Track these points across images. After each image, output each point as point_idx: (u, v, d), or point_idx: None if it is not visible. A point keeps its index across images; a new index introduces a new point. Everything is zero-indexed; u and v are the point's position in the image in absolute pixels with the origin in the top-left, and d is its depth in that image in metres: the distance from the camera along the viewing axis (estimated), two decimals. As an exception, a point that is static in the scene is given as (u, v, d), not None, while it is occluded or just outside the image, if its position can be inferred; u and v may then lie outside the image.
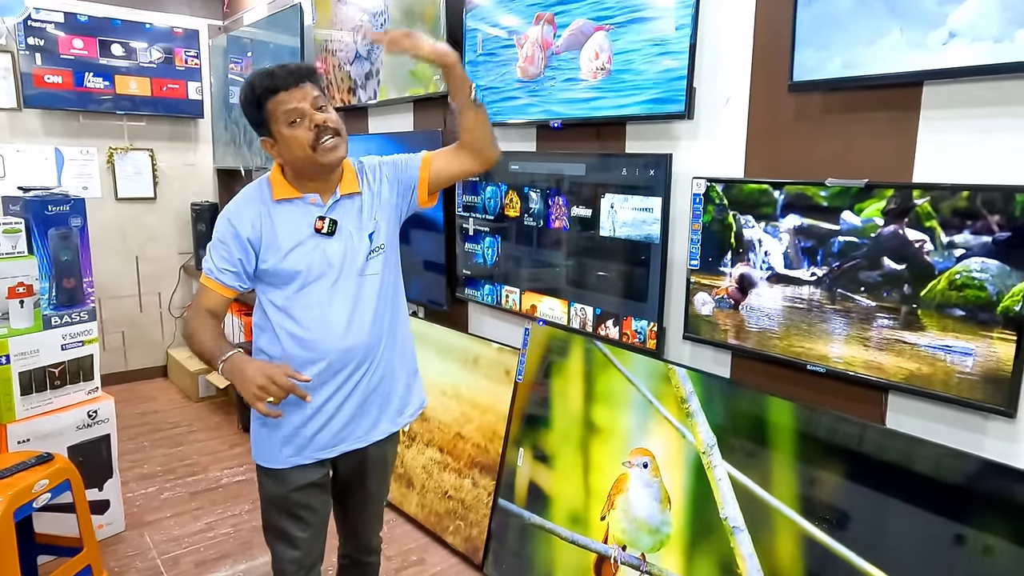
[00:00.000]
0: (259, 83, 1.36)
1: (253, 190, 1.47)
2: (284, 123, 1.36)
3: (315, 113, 1.36)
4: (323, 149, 1.37)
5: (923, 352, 1.34)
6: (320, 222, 1.44)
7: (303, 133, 1.36)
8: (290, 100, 1.35)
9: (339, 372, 1.47)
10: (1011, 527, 1.23)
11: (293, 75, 1.36)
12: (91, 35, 3.95)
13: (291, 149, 1.38)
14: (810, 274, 1.50)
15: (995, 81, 1.25)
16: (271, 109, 1.36)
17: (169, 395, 4.18)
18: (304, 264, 1.42)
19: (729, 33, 1.68)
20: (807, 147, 1.55)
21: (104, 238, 4.14)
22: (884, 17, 1.33)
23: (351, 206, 1.49)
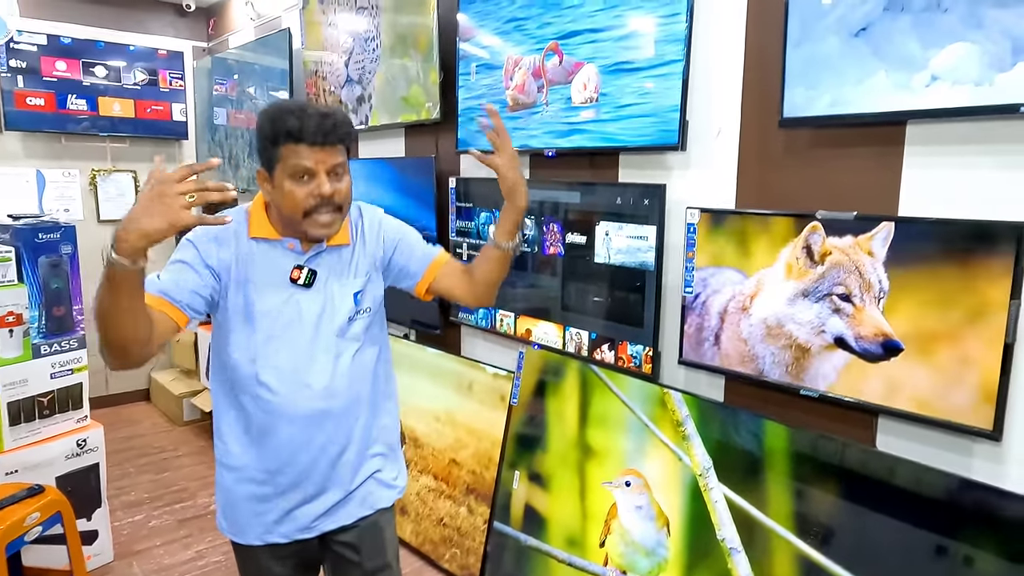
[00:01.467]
0: (284, 123, 1.19)
1: (232, 218, 1.31)
2: (289, 174, 1.21)
3: (325, 182, 1.21)
4: (314, 222, 1.23)
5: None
6: (297, 271, 1.29)
7: (302, 195, 1.21)
8: (308, 157, 1.19)
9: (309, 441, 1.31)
10: (999, 545, 1.28)
11: (327, 135, 1.19)
12: (74, 57, 3.93)
13: (283, 203, 1.23)
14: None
15: (975, 122, 1.32)
16: (284, 154, 1.20)
17: (152, 419, 4.12)
18: (273, 310, 1.27)
19: (720, 68, 1.74)
20: (797, 180, 1.61)
21: (86, 261, 4.07)
22: (870, 59, 1.40)
23: (336, 258, 1.34)
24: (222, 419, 1.35)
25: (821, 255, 1.51)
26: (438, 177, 2.58)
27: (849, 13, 1.42)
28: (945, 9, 1.29)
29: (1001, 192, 1.30)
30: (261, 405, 1.28)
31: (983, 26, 1.24)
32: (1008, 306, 1.25)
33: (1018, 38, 1.21)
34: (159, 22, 4.35)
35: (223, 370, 1.32)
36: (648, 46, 1.81)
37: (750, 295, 1.66)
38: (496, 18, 2.25)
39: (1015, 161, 1.28)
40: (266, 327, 1.27)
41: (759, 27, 1.65)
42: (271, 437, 1.30)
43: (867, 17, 1.39)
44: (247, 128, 3.85)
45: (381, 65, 2.82)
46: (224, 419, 1.34)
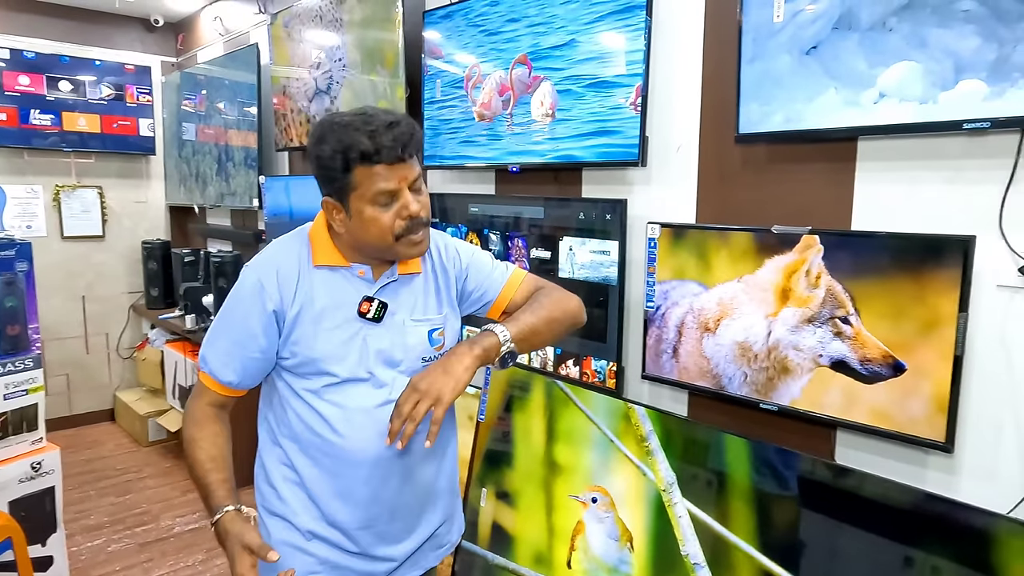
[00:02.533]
0: (355, 143, 1.05)
1: (288, 247, 1.18)
2: (371, 201, 1.08)
3: (411, 200, 1.09)
4: (408, 243, 1.12)
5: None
6: (366, 304, 1.15)
7: (389, 219, 1.09)
8: (389, 178, 1.07)
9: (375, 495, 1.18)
10: (959, 556, 1.29)
11: (404, 148, 1.06)
12: (38, 72, 3.87)
13: (367, 230, 1.10)
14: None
15: (922, 138, 1.35)
16: (359, 180, 1.07)
17: (117, 440, 4.03)
18: (338, 355, 1.14)
19: (679, 85, 1.76)
20: (754, 195, 1.63)
21: (48, 278, 4.00)
22: (821, 77, 1.42)
23: (408, 289, 1.21)
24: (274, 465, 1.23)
25: (816, 278, 1.47)
26: (405, 192, 2.57)
27: (800, 32, 1.45)
28: (890, 29, 1.32)
29: (948, 207, 1.33)
30: (325, 451, 1.16)
31: (926, 45, 1.27)
32: (956, 319, 1.27)
33: (960, 58, 1.24)
34: (126, 37, 4.30)
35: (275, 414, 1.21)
36: (608, 63, 1.82)
37: (715, 317, 1.66)
38: (461, 35, 2.26)
39: (960, 176, 1.31)
40: (330, 371, 1.14)
41: (715, 44, 1.67)
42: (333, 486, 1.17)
43: (817, 36, 1.42)
44: (215, 143, 3.81)
45: (349, 81, 2.82)
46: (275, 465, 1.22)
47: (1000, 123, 1.20)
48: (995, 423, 1.30)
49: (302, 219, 3.08)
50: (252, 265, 1.16)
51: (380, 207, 1.09)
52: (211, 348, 1.17)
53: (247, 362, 1.16)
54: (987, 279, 1.28)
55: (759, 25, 1.51)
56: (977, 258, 1.25)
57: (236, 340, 1.15)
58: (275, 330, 1.14)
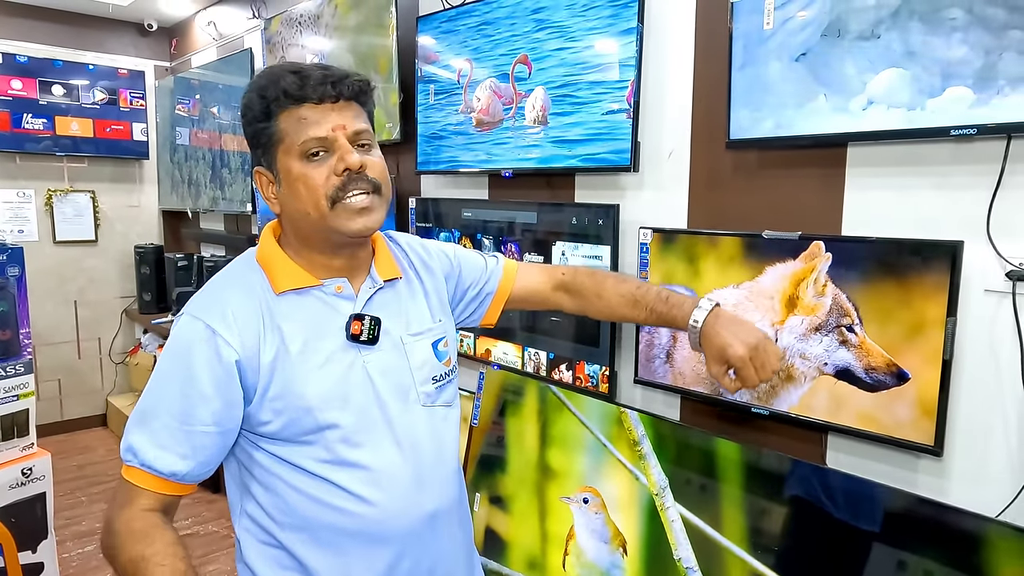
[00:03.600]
0: (278, 82, 0.87)
1: (235, 279, 0.93)
2: (298, 154, 0.87)
3: (349, 151, 0.88)
4: (347, 209, 0.88)
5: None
6: (357, 324, 0.92)
7: (322, 175, 0.87)
8: (318, 120, 0.87)
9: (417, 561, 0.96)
10: (950, 560, 1.30)
11: (335, 83, 0.87)
12: (31, 76, 3.86)
13: (298, 197, 0.88)
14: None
15: (910, 144, 1.36)
16: (284, 127, 0.87)
17: (108, 445, 4.00)
18: (337, 397, 0.90)
19: (670, 91, 1.77)
20: (745, 200, 1.64)
21: (40, 283, 3.99)
22: (810, 83, 1.44)
23: (393, 298, 1.00)
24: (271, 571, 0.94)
25: (823, 286, 1.45)
26: (398, 198, 2.58)
27: (789, 39, 1.46)
28: (878, 36, 1.33)
29: (936, 212, 1.34)
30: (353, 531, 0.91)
31: (914, 53, 1.29)
32: (945, 323, 1.28)
33: (946, 65, 1.25)
34: (120, 42, 4.30)
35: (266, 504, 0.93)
36: (600, 69, 1.83)
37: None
38: (454, 41, 2.26)
39: (947, 182, 1.32)
40: (330, 418, 0.89)
41: (706, 51, 1.68)
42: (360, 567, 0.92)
43: (806, 43, 1.43)
44: (209, 148, 3.81)
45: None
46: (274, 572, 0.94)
47: (986, 130, 1.21)
48: (984, 427, 1.31)
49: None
50: (190, 311, 0.89)
51: (311, 161, 0.87)
52: (142, 433, 0.86)
53: (198, 439, 0.86)
54: (975, 284, 1.29)
55: (749, 32, 1.52)
56: (965, 263, 1.26)
57: (179, 412, 0.86)
58: (236, 388, 0.87)
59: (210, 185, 3.82)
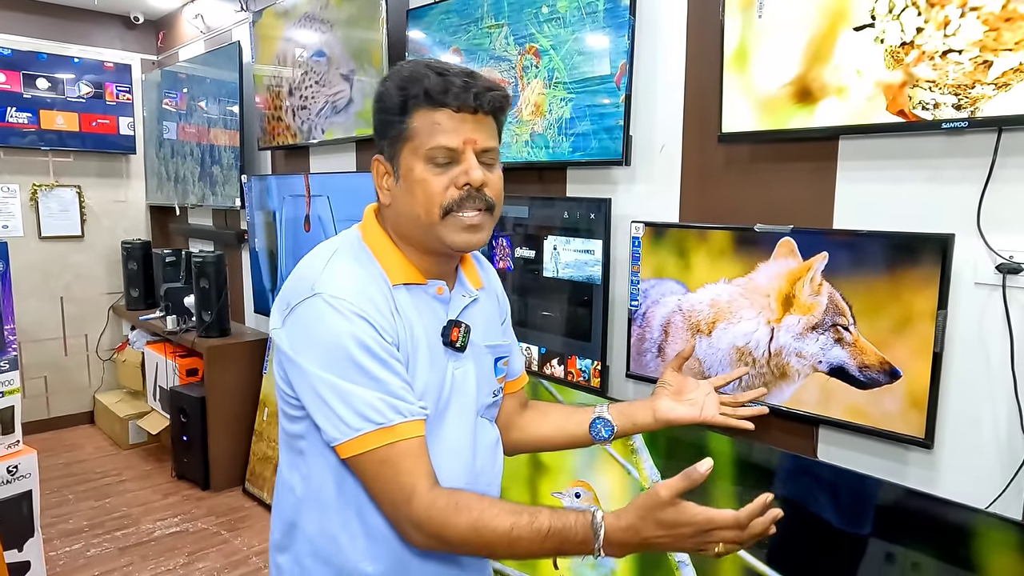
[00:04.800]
0: (420, 77, 0.86)
1: (358, 264, 0.91)
2: (424, 156, 0.87)
3: (475, 167, 0.87)
4: (457, 223, 0.88)
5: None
6: (456, 331, 0.94)
7: (442, 185, 0.87)
8: (452, 132, 0.86)
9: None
10: (941, 551, 1.30)
11: (478, 96, 0.86)
12: (14, 69, 3.81)
13: (413, 198, 0.88)
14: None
15: (902, 137, 1.36)
16: (417, 127, 0.87)
17: (96, 442, 3.97)
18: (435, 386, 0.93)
19: (663, 85, 1.77)
20: (737, 194, 1.64)
21: (25, 279, 3.94)
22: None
23: (479, 308, 1.02)
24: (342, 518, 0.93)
25: (819, 285, 1.45)
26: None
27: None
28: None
29: (927, 205, 1.34)
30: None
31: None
32: (936, 316, 1.29)
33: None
34: (106, 34, 4.24)
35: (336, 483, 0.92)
36: (593, 62, 1.82)
37: (709, 319, 1.64)
38: (444, 34, 2.25)
39: (939, 175, 1.33)
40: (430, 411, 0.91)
41: (699, 43, 1.68)
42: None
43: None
44: (197, 143, 3.77)
45: (333, 80, 2.80)
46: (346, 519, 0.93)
47: (977, 123, 1.21)
48: (974, 419, 1.32)
49: (287, 220, 3.07)
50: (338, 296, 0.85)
51: (434, 167, 0.87)
52: (381, 400, 0.83)
53: (408, 384, 0.88)
54: (965, 277, 1.29)
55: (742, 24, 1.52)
56: (956, 256, 1.27)
57: (395, 373, 0.86)
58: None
59: (198, 180, 3.79)
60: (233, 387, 3.27)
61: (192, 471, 3.33)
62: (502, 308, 1.12)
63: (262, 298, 3.36)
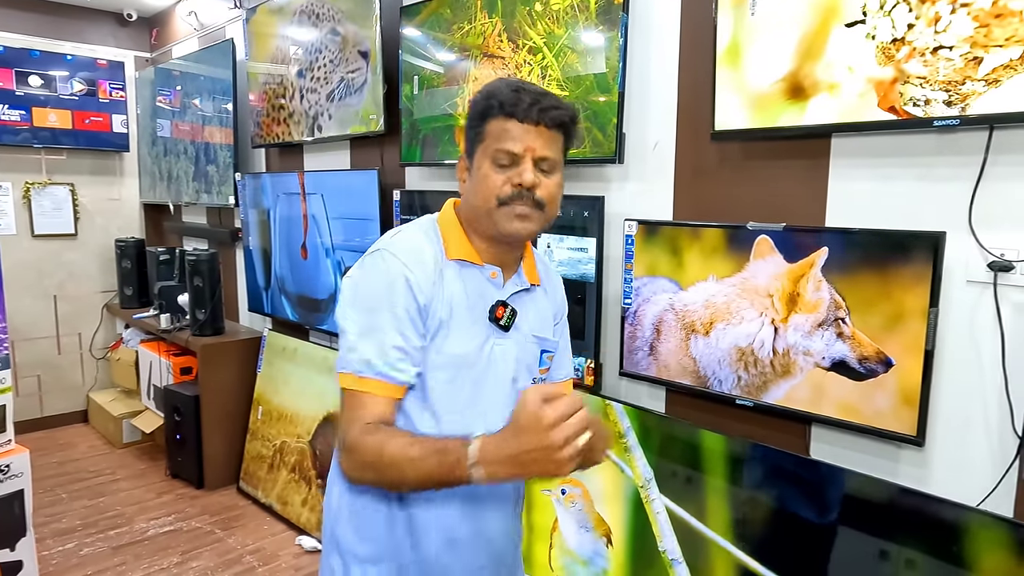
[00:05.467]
0: (498, 94, 1.02)
1: (426, 235, 1.09)
2: (491, 157, 1.02)
3: (527, 169, 1.01)
4: (508, 213, 1.02)
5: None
6: (501, 309, 1.08)
7: (500, 181, 1.02)
8: (515, 136, 1.00)
9: (478, 537, 1.11)
10: (933, 548, 1.30)
11: (542, 112, 1.00)
12: (6, 66, 3.78)
13: (477, 190, 1.04)
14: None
15: (893, 135, 1.36)
16: (489, 130, 1.02)
17: (90, 441, 3.95)
18: (471, 354, 1.07)
19: (655, 82, 1.76)
20: (731, 191, 1.64)
21: (18, 277, 3.92)
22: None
23: (530, 300, 1.15)
24: (361, 495, 1.09)
25: (819, 282, 1.45)
26: (382, 189, 2.55)
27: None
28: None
29: (919, 203, 1.35)
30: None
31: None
32: (927, 314, 1.29)
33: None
34: (99, 32, 4.22)
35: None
36: (587, 60, 1.82)
37: (705, 319, 1.63)
38: (437, 30, 2.24)
39: (930, 173, 1.33)
40: (460, 376, 1.05)
41: (691, 41, 1.68)
42: (442, 522, 1.07)
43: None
44: (191, 140, 3.75)
45: (326, 77, 2.78)
46: (365, 496, 1.09)
47: (969, 120, 1.21)
48: (965, 417, 1.32)
49: (281, 218, 3.06)
50: (394, 252, 1.04)
51: (497, 166, 1.02)
52: (370, 344, 1.00)
53: (415, 353, 1.02)
54: (957, 275, 1.30)
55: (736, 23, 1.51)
56: (947, 254, 1.27)
57: (399, 333, 1.00)
58: (423, 319, 1.03)
59: (192, 178, 3.77)
60: (227, 386, 3.26)
61: (186, 470, 3.32)
62: (558, 310, 1.23)
63: (256, 296, 3.35)
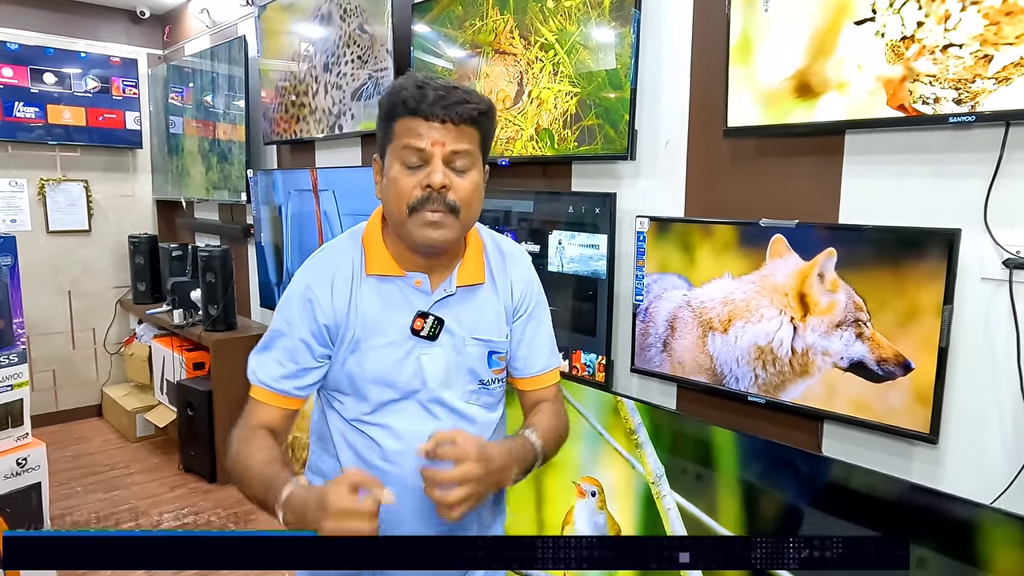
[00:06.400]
0: (404, 91, 0.96)
1: (342, 252, 1.07)
2: (400, 157, 0.97)
3: (436, 169, 0.95)
4: (419, 220, 0.97)
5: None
6: (420, 320, 1.04)
7: (410, 185, 0.97)
8: (422, 135, 0.95)
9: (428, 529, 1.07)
10: (946, 547, 1.30)
11: (449, 108, 0.95)
12: (22, 64, 3.82)
13: (388, 195, 1.00)
14: (748, 309, 1.57)
15: (907, 132, 1.36)
16: (397, 130, 0.97)
17: (104, 435, 3.99)
18: (390, 372, 1.04)
19: (668, 79, 1.76)
20: (743, 188, 1.64)
21: (33, 273, 3.96)
22: (808, 70, 1.43)
23: (469, 302, 1.09)
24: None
25: (833, 283, 1.43)
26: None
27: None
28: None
29: (933, 200, 1.34)
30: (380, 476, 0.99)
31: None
32: (941, 311, 1.28)
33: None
34: (112, 29, 4.25)
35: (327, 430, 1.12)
36: (599, 57, 1.82)
37: (723, 317, 1.62)
38: (449, 27, 2.24)
39: (945, 170, 1.32)
40: (378, 394, 1.05)
41: (704, 37, 1.67)
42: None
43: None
44: (203, 137, 3.78)
45: (337, 73, 2.79)
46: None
47: (985, 117, 1.21)
48: (979, 414, 1.31)
49: (292, 214, 3.08)
50: (305, 271, 1.07)
51: (406, 167, 0.97)
52: (262, 357, 1.07)
53: (301, 372, 1.06)
54: (972, 272, 1.29)
55: (748, 20, 1.51)
56: (962, 251, 1.26)
57: (289, 353, 1.05)
58: (326, 342, 1.05)
59: (203, 174, 3.80)
60: (239, 380, 3.24)
61: (199, 464, 3.35)
62: (518, 304, 1.15)
63: (268, 292, 3.37)
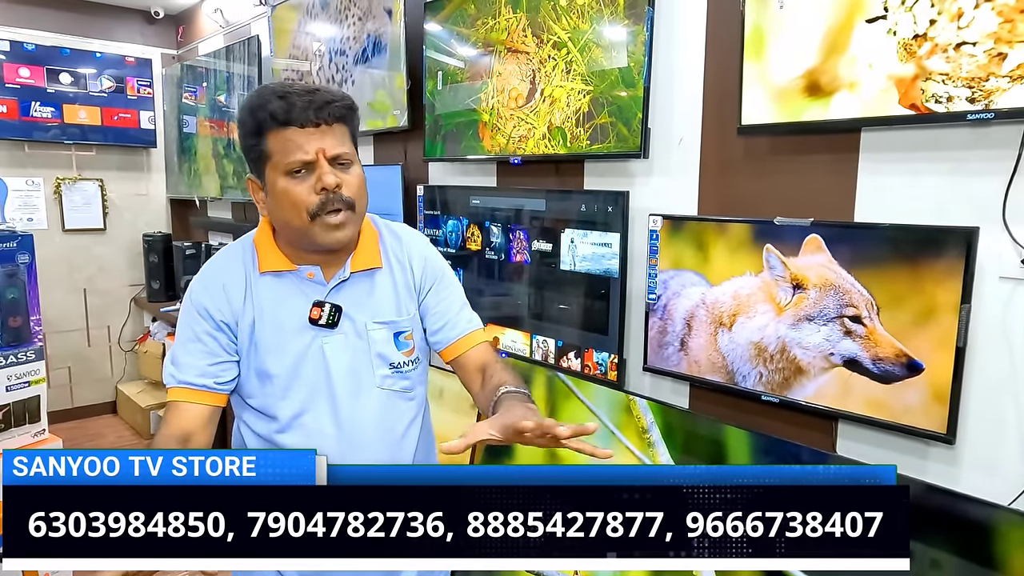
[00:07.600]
0: (267, 105, 0.97)
1: (233, 256, 1.11)
2: (284, 171, 0.99)
3: (326, 172, 0.98)
4: (323, 224, 1.00)
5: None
6: (316, 310, 1.06)
7: (304, 193, 0.99)
8: (301, 144, 0.97)
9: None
10: (961, 548, 1.29)
11: (318, 110, 0.97)
12: (38, 64, 3.86)
13: (282, 208, 1.01)
14: (762, 308, 1.57)
15: (924, 129, 1.34)
16: (272, 147, 0.99)
17: (119, 432, 4.04)
18: (293, 371, 1.06)
19: (681, 77, 1.75)
20: (757, 186, 1.63)
21: (49, 271, 4.01)
22: (823, 68, 1.42)
23: (368, 288, 1.11)
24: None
25: (794, 279, 1.46)
26: (406, 185, 2.57)
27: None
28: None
29: (950, 198, 1.33)
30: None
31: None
32: (959, 310, 1.27)
33: (964, 47, 1.23)
34: (127, 29, 4.29)
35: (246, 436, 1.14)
36: (612, 55, 1.81)
37: (730, 312, 1.62)
38: (461, 26, 2.25)
39: (963, 168, 1.31)
40: (283, 387, 1.06)
41: (718, 35, 1.66)
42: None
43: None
44: (216, 136, 3.80)
45: (350, 72, 2.81)
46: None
47: (1003, 115, 1.19)
48: (996, 415, 1.30)
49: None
50: (198, 279, 1.10)
51: (293, 178, 0.99)
52: (178, 361, 1.06)
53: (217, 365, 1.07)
54: (990, 271, 1.27)
55: (763, 17, 1.50)
56: (980, 250, 1.25)
57: (198, 348, 1.06)
58: (232, 337, 1.07)
59: (218, 174, 3.82)
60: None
61: (212, 461, 3.38)
62: (421, 281, 1.17)
63: (280, 290, 3.39)
